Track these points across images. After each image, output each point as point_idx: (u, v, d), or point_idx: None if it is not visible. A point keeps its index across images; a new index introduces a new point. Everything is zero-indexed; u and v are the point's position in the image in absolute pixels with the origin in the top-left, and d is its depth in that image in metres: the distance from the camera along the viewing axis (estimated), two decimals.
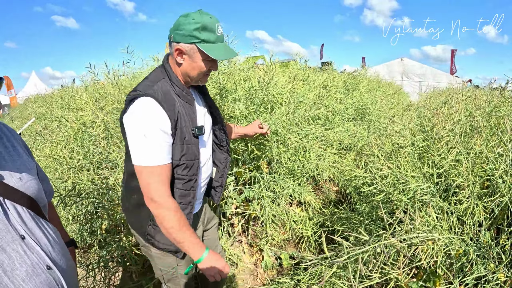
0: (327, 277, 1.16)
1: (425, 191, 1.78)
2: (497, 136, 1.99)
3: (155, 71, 1.50)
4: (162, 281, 1.76)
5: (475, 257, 1.57)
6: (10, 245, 0.87)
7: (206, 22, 1.38)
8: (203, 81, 1.56)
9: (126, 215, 1.66)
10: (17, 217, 0.91)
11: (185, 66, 1.46)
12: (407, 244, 1.30)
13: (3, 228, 0.87)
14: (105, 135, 2.55)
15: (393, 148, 2.31)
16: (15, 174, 0.96)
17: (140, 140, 1.32)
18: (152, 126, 1.32)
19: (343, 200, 3.60)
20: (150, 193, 1.36)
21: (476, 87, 4.35)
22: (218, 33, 1.43)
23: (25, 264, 0.88)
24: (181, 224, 1.38)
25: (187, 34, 1.38)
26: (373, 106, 4.53)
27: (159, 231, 1.48)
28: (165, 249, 1.57)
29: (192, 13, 1.40)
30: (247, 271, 2.92)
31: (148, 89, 1.37)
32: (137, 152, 1.34)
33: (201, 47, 1.39)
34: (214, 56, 1.40)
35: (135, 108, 1.34)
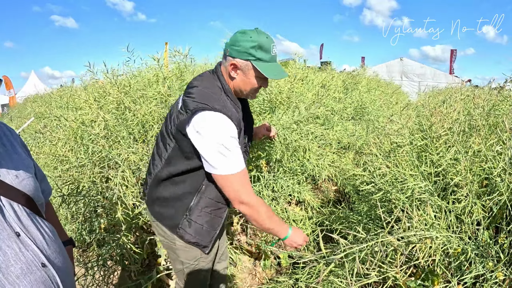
0: (323, 275, 1.16)
1: (424, 190, 1.78)
2: (496, 134, 1.99)
3: (210, 81, 1.56)
4: (179, 276, 1.79)
5: (474, 255, 1.57)
6: (5, 242, 0.87)
7: (262, 41, 1.45)
8: (253, 97, 1.66)
9: (152, 206, 1.71)
10: (12, 214, 0.92)
11: (238, 81, 1.54)
12: (405, 242, 1.31)
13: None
14: (104, 134, 2.55)
15: (391, 147, 2.31)
16: (11, 171, 0.96)
17: (222, 152, 1.40)
18: (229, 137, 1.41)
19: (341, 200, 3.60)
20: (241, 198, 1.47)
21: (475, 87, 4.35)
22: (272, 53, 1.50)
23: (20, 262, 0.88)
24: (269, 215, 1.53)
25: (243, 51, 1.45)
26: (372, 106, 4.53)
27: (194, 225, 1.61)
28: (195, 243, 1.65)
29: (249, 31, 1.47)
30: (245, 270, 2.92)
31: (214, 103, 1.42)
32: (220, 163, 1.42)
33: (256, 65, 1.46)
34: (267, 75, 1.47)
35: (207, 123, 1.40)
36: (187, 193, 1.60)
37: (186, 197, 1.60)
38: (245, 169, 1.48)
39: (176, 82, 3.00)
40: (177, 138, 1.50)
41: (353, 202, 3.10)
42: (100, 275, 2.40)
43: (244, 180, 1.47)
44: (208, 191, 1.61)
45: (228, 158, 1.41)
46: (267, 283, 2.73)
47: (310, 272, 2.08)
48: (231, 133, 1.43)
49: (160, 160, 1.61)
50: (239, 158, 1.45)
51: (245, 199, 1.47)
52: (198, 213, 1.61)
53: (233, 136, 1.43)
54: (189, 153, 1.51)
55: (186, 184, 1.59)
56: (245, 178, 1.48)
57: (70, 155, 2.40)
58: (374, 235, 1.27)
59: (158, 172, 1.62)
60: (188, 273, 1.74)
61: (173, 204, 1.62)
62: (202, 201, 1.61)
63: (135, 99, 2.81)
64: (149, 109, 2.64)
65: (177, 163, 1.56)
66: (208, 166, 1.46)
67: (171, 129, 1.53)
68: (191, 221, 1.61)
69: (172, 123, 1.53)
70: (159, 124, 2.70)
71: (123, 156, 2.34)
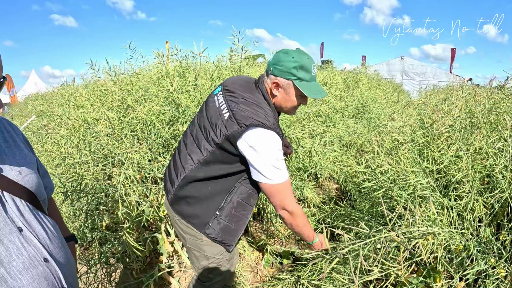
0: (328, 270, 1.17)
1: (425, 187, 1.78)
2: (497, 132, 1.99)
3: (258, 95, 1.64)
4: (202, 273, 1.82)
5: (476, 252, 1.57)
6: (8, 236, 0.87)
7: (304, 62, 1.54)
8: (292, 113, 1.75)
9: (178, 205, 1.75)
10: (15, 209, 0.92)
11: (279, 98, 1.63)
12: (407, 238, 1.31)
13: (1, 220, 0.87)
14: (107, 132, 2.55)
15: (393, 145, 2.31)
16: (14, 167, 0.97)
17: (274, 165, 1.51)
18: (279, 152, 1.52)
19: (343, 198, 3.60)
20: (285, 206, 1.59)
21: (476, 86, 4.35)
22: (313, 73, 1.59)
23: (22, 256, 0.89)
24: (304, 222, 1.65)
25: (285, 70, 1.54)
26: (373, 104, 4.53)
27: (223, 224, 1.68)
28: (221, 241, 1.72)
29: (292, 51, 1.57)
30: (247, 268, 2.93)
31: (266, 121, 1.50)
32: (273, 175, 1.52)
33: (297, 84, 1.55)
34: (308, 94, 1.56)
35: (262, 140, 1.49)
36: (218, 194, 1.67)
37: (218, 197, 1.67)
38: (289, 178, 1.60)
39: (178, 80, 2.99)
40: (223, 146, 1.55)
41: (354, 200, 3.10)
42: (102, 273, 2.41)
43: (289, 188, 1.59)
44: (239, 192, 1.68)
45: (279, 169, 1.52)
46: (269, 280, 2.74)
47: (312, 270, 2.08)
48: (280, 148, 1.54)
49: (193, 161, 1.65)
50: (285, 168, 1.57)
51: (289, 207, 1.59)
52: (228, 213, 1.68)
53: (281, 150, 1.54)
54: (231, 160, 1.58)
55: (219, 186, 1.66)
56: (289, 186, 1.60)
57: (74, 151, 2.40)
58: (376, 232, 1.28)
59: (190, 173, 1.65)
60: (214, 268, 1.79)
61: (203, 203, 1.68)
62: (232, 201, 1.68)
63: (137, 99, 2.81)
64: (151, 107, 2.64)
65: (215, 167, 1.62)
66: (259, 176, 1.55)
67: (214, 136, 1.57)
68: (221, 220, 1.68)
69: (218, 130, 1.56)
70: (162, 122, 2.70)
71: (126, 155, 2.34)
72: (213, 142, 1.57)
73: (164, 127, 2.66)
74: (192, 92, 2.86)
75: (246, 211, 1.73)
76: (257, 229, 3.40)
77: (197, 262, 1.80)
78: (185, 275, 2.79)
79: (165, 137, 2.61)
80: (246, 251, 3.05)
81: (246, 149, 1.50)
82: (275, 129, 1.51)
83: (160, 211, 2.42)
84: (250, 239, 3.20)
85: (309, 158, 2.83)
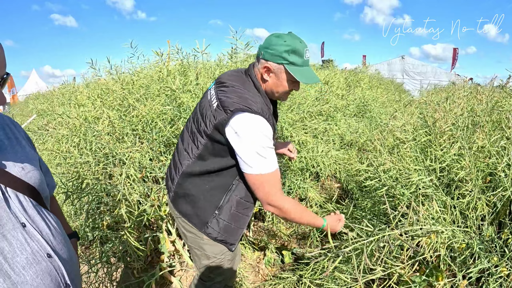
0: (331, 268, 1.16)
1: (428, 185, 1.78)
2: (500, 130, 1.99)
3: (246, 82, 1.59)
4: (204, 272, 1.80)
5: (478, 250, 1.57)
6: (11, 232, 0.87)
7: (296, 46, 1.48)
8: (284, 99, 1.68)
9: (178, 203, 1.73)
10: (18, 205, 0.92)
11: (270, 83, 1.57)
12: (410, 236, 1.30)
13: (4, 216, 0.87)
14: (109, 131, 2.55)
15: (395, 143, 2.30)
16: (17, 164, 0.97)
17: (259, 153, 1.44)
18: (266, 139, 1.45)
19: (345, 197, 3.60)
20: (270, 201, 1.52)
21: (477, 85, 4.35)
22: (305, 57, 1.53)
23: (26, 252, 0.89)
24: (299, 213, 1.56)
25: (276, 54, 1.49)
26: (375, 103, 4.52)
27: (223, 223, 1.64)
28: (222, 241, 1.68)
29: (284, 34, 1.51)
30: (249, 267, 2.93)
31: (253, 105, 1.45)
32: (256, 163, 1.46)
33: (289, 69, 1.49)
34: (299, 79, 1.50)
35: (247, 125, 1.43)
36: (217, 192, 1.63)
37: (216, 196, 1.63)
38: (277, 170, 1.52)
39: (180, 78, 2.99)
40: (213, 137, 1.52)
41: (356, 198, 3.10)
42: (103, 272, 2.40)
43: (275, 181, 1.51)
44: (238, 190, 1.63)
45: (264, 158, 1.45)
46: (270, 279, 2.74)
47: (314, 268, 2.08)
48: (268, 134, 1.46)
49: (189, 156, 1.63)
50: (273, 158, 1.49)
51: (274, 202, 1.51)
52: (228, 212, 1.64)
53: (269, 137, 1.47)
54: (222, 152, 1.54)
55: (216, 183, 1.62)
56: (276, 179, 1.51)
57: (75, 151, 2.40)
58: (379, 230, 1.27)
59: (187, 168, 1.64)
60: (215, 267, 1.76)
61: (202, 202, 1.65)
62: (231, 200, 1.64)
63: (138, 98, 2.81)
64: (152, 106, 2.64)
65: (209, 160, 1.58)
66: (243, 165, 1.49)
67: (205, 128, 1.55)
68: (220, 219, 1.65)
69: (207, 121, 1.54)
70: (163, 121, 2.70)
71: (127, 154, 2.34)
72: (205, 134, 1.54)
73: (166, 126, 2.65)
74: (194, 91, 2.86)
75: (246, 210, 1.70)
76: (258, 228, 3.40)
77: (199, 261, 1.79)
78: (186, 274, 2.78)
79: (167, 136, 2.61)
80: (247, 251, 3.05)
81: (231, 136, 1.46)
82: (263, 114, 1.45)
83: (161, 210, 2.42)
84: (251, 238, 3.19)
85: (312, 158, 2.82)
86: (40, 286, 0.90)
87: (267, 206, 1.54)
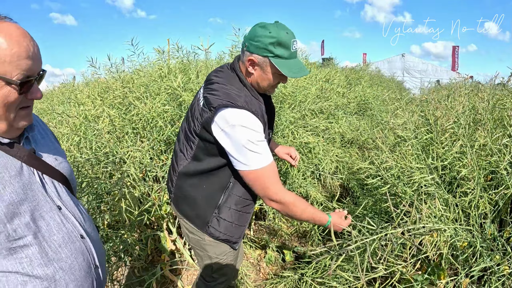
0: (334, 267, 1.16)
1: (430, 183, 1.77)
2: (502, 128, 1.98)
3: (230, 76, 1.54)
4: (206, 272, 1.79)
5: (481, 248, 1.56)
6: (48, 213, 0.96)
7: (281, 37, 1.41)
8: (270, 92, 1.63)
9: (179, 204, 1.72)
10: (54, 190, 1.01)
11: (256, 76, 1.51)
12: (413, 235, 1.30)
13: (42, 199, 0.96)
14: (109, 130, 2.54)
15: (396, 141, 2.30)
16: (51, 155, 1.07)
17: (248, 148, 1.39)
18: (254, 132, 1.40)
19: (346, 195, 3.59)
20: (270, 196, 1.47)
21: (478, 83, 4.34)
22: (292, 49, 1.46)
23: (62, 232, 0.97)
24: (302, 208, 1.51)
25: (261, 47, 1.42)
26: (375, 101, 4.51)
27: (223, 222, 1.62)
28: (225, 240, 1.66)
29: (269, 25, 1.43)
30: (250, 266, 2.92)
31: (236, 100, 1.41)
32: (248, 159, 1.41)
33: (274, 62, 1.43)
34: (285, 73, 1.44)
35: (231, 120, 1.39)
36: (214, 191, 1.60)
37: (214, 195, 1.60)
38: (273, 162, 1.47)
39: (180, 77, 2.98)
40: (202, 136, 1.49)
41: (357, 197, 3.09)
42: None
43: (272, 175, 1.46)
44: (236, 189, 1.60)
45: (255, 152, 1.40)
46: (271, 278, 2.73)
47: (315, 267, 2.08)
48: (256, 128, 1.41)
49: (184, 157, 1.61)
50: (266, 152, 1.44)
51: (275, 196, 1.46)
52: (227, 210, 1.61)
53: (258, 131, 1.42)
54: (215, 151, 1.50)
55: (213, 182, 1.59)
56: (273, 172, 1.46)
57: (74, 150, 2.39)
58: (382, 229, 1.27)
59: (183, 169, 1.62)
60: (218, 268, 1.75)
61: (201, 203, 1.62)
62: (230, 199, 1.60)
63: (138, 96, 2.80)
64: (153, 105, 2.63)
65: (203, 160, 1.56)
66: (235, 162, 1.45)
67: (194, 127, 1.52)
68: (220, 218, 1.62)
69: (196, 121, 1.52)
70: (164, 120, 2.69)
71: (127, 153, 2.33)
72: (195, 133, 1.52)
73: (166, 125, 2.64)
74: (195, 89, 2.85)
75: (247, 207, 1.68)
76: (259, 227, 3.39)
77: (201, 261, 1.78)
78: (187, 273, 2.78)
79: (167, 135, 2.60)
80: (248, 249, 3.04)
81: (218, 133, 1.42)
82: (248, 108, 1.41)
83: (162, 209, 2.41)
84: (252, 237, 3.19)
85: (313, 156, 2.82)
86: (73, 264, 0.98)
87: (268, 201, 1.50)
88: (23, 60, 0.86)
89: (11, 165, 0.91)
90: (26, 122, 0.96)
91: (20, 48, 0.85)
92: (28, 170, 0.96)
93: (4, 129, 0.91)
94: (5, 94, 0.86)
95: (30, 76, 0.88)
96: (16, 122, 0.92)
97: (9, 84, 0.85)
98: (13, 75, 0.85)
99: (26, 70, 0.87)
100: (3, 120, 0.90)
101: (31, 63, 0.88)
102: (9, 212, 0.86)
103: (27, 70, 0.87)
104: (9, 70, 0.84)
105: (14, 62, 0.85)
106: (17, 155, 0.94)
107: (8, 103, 0.87)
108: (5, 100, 0.86)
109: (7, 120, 0.90)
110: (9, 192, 0.87)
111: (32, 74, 0.89)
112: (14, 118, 0.91)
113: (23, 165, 0.94)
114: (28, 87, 0.89)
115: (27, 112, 0.95)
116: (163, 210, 2.40)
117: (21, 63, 0.86)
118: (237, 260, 1.84)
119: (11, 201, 0.87)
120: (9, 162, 0.91)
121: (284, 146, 2.15)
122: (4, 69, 0.84)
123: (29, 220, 0.90)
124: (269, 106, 1.75)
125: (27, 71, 0.88)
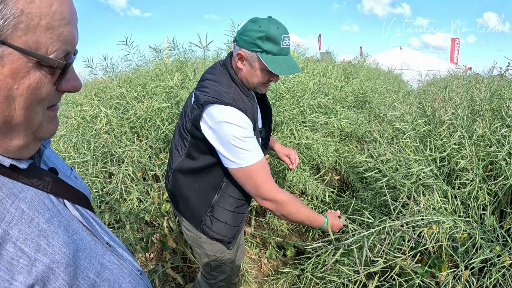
0: (332, 261, 1.15)
1: (428, 175, 1.77)
2: (500, 119, 1.97)
3: (221, 73, 1.51)
4: (205, 269, 1.79)
5: (480, 240, 1.56)
6: (105, 258, 0.69)
7: (271, 32, 1.36)
8: (262, 90, 1.57)
9: (175, 202, 1.72)
10: (92, 222, 0.72)
11: (244, 72, 1.47)
12: (412, 227, 1.30)
13: (89, 239, 0.67)
14: (107, 129, 2.54)
15: (394, 134, 2.29)
16: (67, 172, 0.80)
17: (236, 145, 1.36)
18: (242, 129, 1.37)
19: (345, 189, 3.59)
20: (262, 194, 1.43)
21: (476, 74, 4.33)
22: (282, 45, 1.40)
23: (126, 275, 0.73)
24: (296, 208, 1.47)
25: (250, 41, 1.38)
26: (373, 94, 4.50)
27: (216, 222, 1.59)
28: (219, 239, 1.64)
29: (260, 19, 1.39)
30: (250, 261, 2.93)
31: (224, 97, 1.38)
32: (236, 156, 1.38)
33: (261, 57, 1.38)
34: (271, 69, 1.38)
35: (218, 117, 1.36)
36: (208, 190, 1.58)
37: (207, 194, 1.58)
38: (263, 159, 1.43)
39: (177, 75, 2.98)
40: (193, 133, 1.48)
41: (356, 190, 3.09)
42: None
43: (263, 172, 1.42)
44: (229, 188, 1.57)
45: (243, 149, 1.37)
46: (272, 274, 2.74)
47: (315, 262, 2.08)
48: (243, 125, 1.38)
49: (179, 154, 1.60)
50: (254, 148, 1.40)
51: (268, 194, 1.42)
52: (220, 210, 1.59)
53: (245, 128, 1.38)
54: (206, 148, 1.48)
55: (206, 181, 1.57)
56: (264, 170, 1.42)
57: (73, 151, 2.39)
58: (380, 222, 1.27)
59: (177, 166, 1.61)
60: (215, 266, 1.74)
61: (194, 202, 1.62)
62: (223, 199, 1.58)
63: (136, 96, 2.79)
64: (150, 104, 2.62)
65: (196, 158, 1.54)
66: (224, 159, 1.43)
67: (186, 124, 1.51)
68: (213, 218, 1.60)
69: (187, 118, 1.50)
70: (162, 119, 2.69)
71: (126, 152, 2.33)
72: (187, 131, 1.51)
73: (163, 123, 2.64)
74: (192, 88, 2.84)
75: (240, 208, 1.65)
76: (260, 223, 3.40)
77: (200, 259, 1.78)
78: (189, 271, 2.79)
79: (165, 133, 2.60)
80: (249, 246, 3.05)
81: (206, 131, 1.40)
82: (235, 104, 1.37)
83: (162, 207, 2.41)
84: (252, 232, 3.19)
85: (313, 151, 2.81)
86: None
87: (261, 201, 1.46)
88: (67, 26, 0.53)
89: (39, 202, 0.58)
90: (54, 128, 0.62)
91: (62, 5, 0.51)
92: (58, 202, 0.64)
93: (22, 143, 0.56)
94: (32, 86, 0.50)
95: (69, 54, 0.56)
96: (41, 130, 0.58)
97: (40, 66, 0.50)
98: (51, 50, 0.51)
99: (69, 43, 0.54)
100: (22, 131, 0.54)
101: (76, 33, 0.56)
102: (70, 277, 0.57)
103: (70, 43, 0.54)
104: (43, 41, 0.50)
105: (54, 29, 0.51)
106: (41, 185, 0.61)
107: (37, 101, 0.53)
108: (32, 96, 0.51)
109: (31, 128, 0.55)
110: (58, 247, 0.57)
111: (73, 51, 0.57)
112: (41, 124, 0.57)
113: (51, 197, 0.63)
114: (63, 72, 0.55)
115: (55, 112, 0.60)
116: (163, 208, 2.40)
117: (64, 31, 0.52)
118: (236, 258, 1.84)
119: (68, 260, 0.57)
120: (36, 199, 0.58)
121: (285, 147, 2.11)
122: (36, 38, 0.49)
123: (94, 278, 0.63)
124: (265, 105, 1.73)
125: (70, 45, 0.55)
